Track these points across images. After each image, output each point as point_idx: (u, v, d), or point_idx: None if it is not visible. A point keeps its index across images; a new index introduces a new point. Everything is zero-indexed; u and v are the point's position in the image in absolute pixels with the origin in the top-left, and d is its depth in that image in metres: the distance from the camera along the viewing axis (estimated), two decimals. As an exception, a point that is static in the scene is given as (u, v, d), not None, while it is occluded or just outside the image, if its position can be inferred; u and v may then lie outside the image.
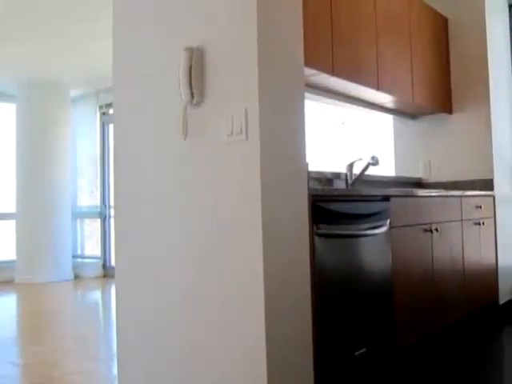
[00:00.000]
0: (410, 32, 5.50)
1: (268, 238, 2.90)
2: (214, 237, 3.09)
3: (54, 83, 10.36)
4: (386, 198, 4.06)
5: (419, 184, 6.44)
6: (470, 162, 6.11)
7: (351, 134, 7.83)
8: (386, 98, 5.48)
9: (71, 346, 5.51)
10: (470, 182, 6.04)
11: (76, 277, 10.73)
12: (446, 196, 5.07)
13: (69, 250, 10.78)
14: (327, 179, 4.98)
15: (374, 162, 4.93)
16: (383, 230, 3.95)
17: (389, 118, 6.52)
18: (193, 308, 3.20)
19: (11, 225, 10.45)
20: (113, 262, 6.70)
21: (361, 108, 5.60)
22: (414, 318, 4.35)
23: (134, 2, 3.63)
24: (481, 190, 5.91)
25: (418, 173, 6.50)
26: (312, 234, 3.28)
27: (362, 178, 5.21)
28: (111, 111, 10.10)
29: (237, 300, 2.98)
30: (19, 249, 10.32)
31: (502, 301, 6.04)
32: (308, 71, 3.93)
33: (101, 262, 11.04)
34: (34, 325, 6.63)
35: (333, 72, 4.36)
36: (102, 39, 5.61)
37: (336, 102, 5.18)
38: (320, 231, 3.35)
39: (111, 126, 10.30)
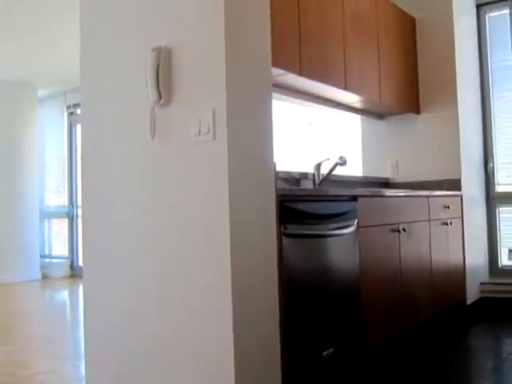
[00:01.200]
0: (377, 32, 5.59)
1: (235, 238, 2.95)
2: (182, 237, 3.14)
3: (21, 83, 10.39)
4: (354, 198, 4.13)
5: (387, 184, 6.54)
6: (438, 162, 6.22)
7: (319, 134, 7.90)
8: (353, 98, 5.55)
9: (39, 346, 5.53)
10: (438, 182, 6.14)
11: (44, 277, 10.82)
12: (414, 196, 5.16)
13: (36, 250, 10.87)
14: (295, 179, 5.04)
15: (342, 162, 5.00)
16: (351, 230, 4.02)
17: (356, 118, 6.60)
18: (160, 308, 3.24)
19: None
20: (80, 262, 6.73)
21: (328, 108, 5.66)
22: (382, 317, 4.42)
23: (102, 2, 3.65)
24: (448, 190, 6.02)
25: (385, 173, 6.60)
26: (280, 234, 3.33)
27: (329, 178, 5.28)
28: (79, 111, 10.11)
29: (205, 300, 3.02)
30: (-14, 249, 10.30)
31: (469, 301, 6.16)
32: (275, 71, 3.98)
33: (68, 262, 11.13)
34: (1, 325, 6.62)
35: (300, 72, 4.41)
36: (69, 39, 5.65)
37: (304, 102, 5.23)
38: (288, 231, 3.40)
39: (79, 126, 10.31)
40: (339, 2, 4.97)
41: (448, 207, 5.72)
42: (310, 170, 5.21)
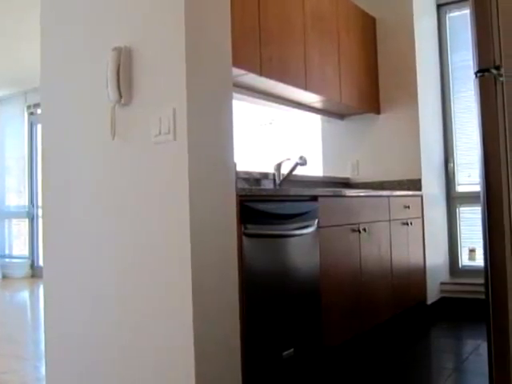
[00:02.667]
0: (337, 32, 5.69)
1: (196, 239, 3.00)
2: (143, 237, 3.19)
3: (-20, 84, 10.35)
4: (314, 198, 4.21)
5: (347, 184, 6.65)
6: (398, 162, 6.33)
7: (279, 134, 7.97)
8: (313, 98, 5.64)
9: (-1, 346, 5.56)
10: (398, 182, 6.26)
11: (4, 277, 10.88)
12: (374, 196, 5.26)
13: (-4, 250, 10.78)
14: (255, 179, 5.11)
15: (302, 161, 5.06)
16: (311, 230, 4.08)
17: (317, 118, 6.66)
18: (121, 308, 3.30)
19: None
20: (41, 262, 6.74)
21: (289, 108, 5.74)
22: (342, 317, 4.51)
23: (62, 1, 3.68)
24: (409, 190, 6.14)
25: (346, 173, 6.71)
26: (240, 234, 3.38)
27: (290, 178, 5.36)
28: (39, 111, 10.14)
29: (165, 300, 3.08)
30: None
31: (429, 301, 6.30)
32: (236, 71, 4.08)
33: (29, 262, 11.17)
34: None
35: (261, 72, 4.49)
36: (30, 39, 5.65)
37: (264, 101, 5.29)
38: (248, 231, 3.46)
39: (39, 126, 10.35)
40: (300, 1, 5.06)
41: (408, 207, 5.84)
42: (271, 170, 5.29)
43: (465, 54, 6.77)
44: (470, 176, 6.77)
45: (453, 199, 6.87)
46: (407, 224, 5.78)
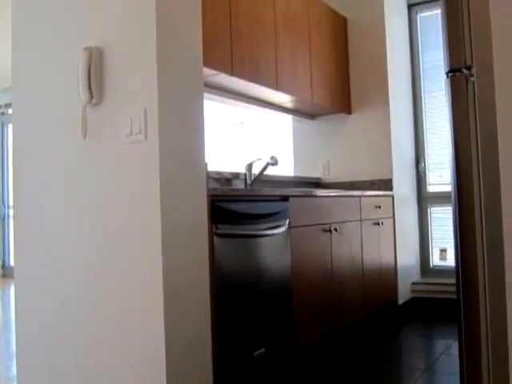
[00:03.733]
0: (309, 32, 5.73)
1: (167, 238, 3.02)
2: (114, 237, 3.21)
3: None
4: (285, 198, 4.24)
5: (318, 184, 6.70)
6: (370, 162, 6.38)
7: (250, 134, 7.98)
8: (285, 98, 5.68)
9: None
10: (370, 182, 6.30)
11: (-25, 276, 10.75)
12: (345, 196, 5.30)
13: (-33, 250, 10.84)
14: (226, 179, 5.14)
15: (273, 161, 5.09)
16: (282, 230, 4.12)
17: (288, 118, 6.69)
18: (92, 308, 3.31)
19: None
20: (12, 262, 6.68)
21: (260, 108, 5.78)
22: (314, 317, 4.55)
23: (34, 1, 3.68)
24: (380, 190, 6.19)
25: (317, 173, 6.76)
26: (211, 234, 3.41)
27: (261, 178, 5.40)
28: (10, 111, 10.08)
29: (136, 300, 3.10)
30: None
31: (401, 301, 6.37)
32: (207, 71, 4.11)
33: (0, 262, 10.99)
34: None
35: (232, 72, 4.52)
36: (0, 39, 5.60)
37: (235, 101, 5.33)
38: (219, 231, 3.49)
39: (10, 126, 10.31)
40: (271, 2, 5.10)
41: (379, 207, 5.88)
42: (242, 169, 5.32)
43: (436, 54, 6.84)
44: (441, 176, 6.83)
45: (424, 199, 6.93)
46: (378, 224, 5.83)
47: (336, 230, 4.93)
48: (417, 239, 6.90)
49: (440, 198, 6.76)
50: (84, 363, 3.33)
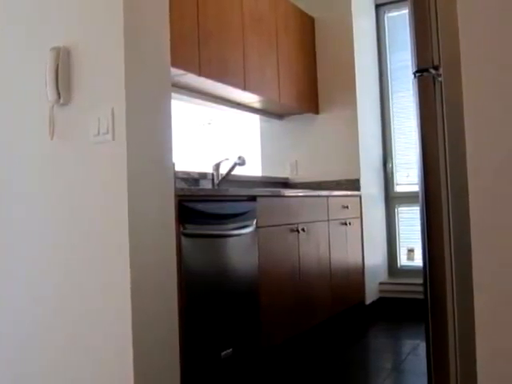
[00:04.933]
0: (276, 32, 5.76)
1: (134, 239, 3.05)
2: (82, 237, 3.22)
3: None
4: (253, 198, 4.28)
5: (286, 184, 6.73)
6: (337, 162, 6.42)
7: (218, 134, 7.97)
8: (252, 98, 5.72)
9: None
10: (337, 182, 6.34)
11: None
12: (313, 196, 5.34)
13: None
14: (194, 179, 5.15)
15: (241, 162, 5.11)
16: (250, 230, 4.17)
17: (256, 118, 6.71)
18: (59, 309, 3.32)
19: None
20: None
21: (228, 108, 5.81)
22: (281, 317, 4.59)
23: (1, 1, 3.67)
24: (347, 190, 6.24)
25: (284, 173, 6.79)
26: (179, 234, 3.44)
27: (228, 178, 5.41)
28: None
29: (103, 300, 3.12)
30: None
31: (368, 301, 6.41)
32: (175, 71, 4.13)
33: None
34: None
35: (199, 72, 4.55)
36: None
37: (203, 101, 5.37)
38: (186, 231, 3.53)
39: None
40: (238, 2, 5.14)
41: (347, 207, 5.92)
42: (209, 169, 5.33)
43: (403, 54, 6.90)
44: (408, 176, 6.88)
45: (391, 199, 6.97)
46: (346, 224, 5.86)
47: (303, 230, 4.96)
48: (384, 239, 6.94)
49: (407, 198, 6.81)
50: (50, 364, 3.35)
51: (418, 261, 6.67)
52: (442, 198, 2.04)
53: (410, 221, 6.92)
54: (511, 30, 1.65)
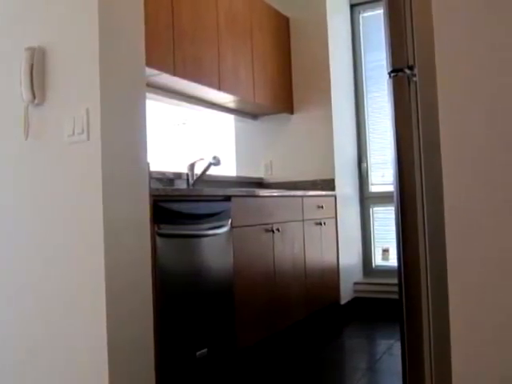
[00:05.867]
0: (251, 32, 5.78)
1: (109, 239, 3.07)
2: (55, 237, 3.24)
3: None
4: (228, 198, 4.31)
5: (261, 184, 6.77)
6: (312, 162, 6.44)
7: (193, 134, 7.97)
8: (227, 98, 5.74)
9: None
10: (312, 182, 6.36)
11: None
12: (288, 196, 5.38)
13: None
14: (169, 179, 5.16)
15: (216, 161, 5.13)
16: (224, 230, 4.19)
17: (230, 118, 6.71)
18: (33, 308, 3.33)
19: None
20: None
21: (202, 108, 5.81)
22: (256, 318, 4.64)
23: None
24: (322, 190, 6.27)
25: (259, 173, 6.82)
26: (153, 234, 3.47)
27: (203, 178, 5.43)
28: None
29: (78, 300, 3.14)
30: None
31: (343, 301, 6.45)
32: (149, 71, 4.16)
33: None
34: None
35: (174, 72, 4.58)
36: None
37: (178, 101, 5.38)
38: (161, 231, 3.55)
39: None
40: (213, 2, 5.18)
41: (322, 207, 5.94)
42: (184, 170, 5.33)
43: (378, 54, 6.94)
44: (383, 176, 6.92)
45: (366, 199, 7.01)
46: (321, 224, 5.89)
47: (278, 230, 4.98)
48: (359, 239, 6.97)
49: (382, 198, 6.84)
50: (23, 364, 3.36)
51: (392, 261, 6.70)
52: (416, 198, 2.04)
53: (384, 221, 6.95)
54: (485, 30, 1.66)
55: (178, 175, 5.29)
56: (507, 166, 1.62)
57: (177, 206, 3.72)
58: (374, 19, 7.09)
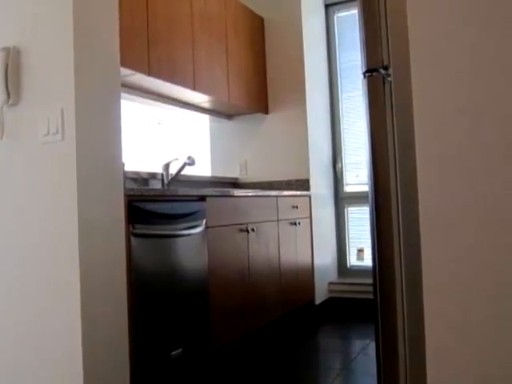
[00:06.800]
0: (226, 32, 5.80)
1: (84, 239, 3.08)
2: (29, 237, 3.24)
3: None
4: (202, 198, 4.33)
5: (236, 184, 6.78)
6: (287, 162, 6.46)
7: (168, 134, 7.96)
8: (202, 98, 5.76)
9: None
10: (287, 182, 6.38)
11: None
12: (263, 196, 5.40)
13: None
14: (143, 179, 5.16)
15: (191, 161, 5.14)
16: (199, 230, 4.22)
17: (205, 118, 6.72)
18: (7, 308, 3.34)
19: None
20: None
21: (177, 108, 5.82)
22: (231, 317, 4.66)
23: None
24: (297, 190, 6.28)
25: (234, 173, 6.83)
26: (128, 234, 3.49)
27: (178, 178, 5.45)
28: None
29: (53, 300, 3.14)
30: None
31: (318, 301, 6.47)
32: (124, 71, 4.20)
33: None
34: None
35: (149, 72, 4.60)
36: None
37: (153, 101, 5.39)
38: (136, 231, 3.58)
39: None
40: (188, 2, 5.19)
41: (297, 207, 5.95)
42: (159, 170, 5.33)
43: (353, 54, 6.98)
44: (358, 176, 6.95)
45: (341, 199, 7.04)
46: (295, 224, 5.90)
47: (253, 229, 5.00)
48: (334, 239, 6.99)
49: (357, 198, 6.87)
50: (2, 363, 3.35)
51: (367, 261, 6.72)
52: (391, 197, 2.05)
53: (359, 221, 6.98)
54: (459, 30, 1.67)
55: (153, 175, 5.30)
56: (481, 164, 1.62)
57: (151, 206, 3.73)
58: (349, 19, 7.12)
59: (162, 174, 5.33)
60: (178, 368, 3.90)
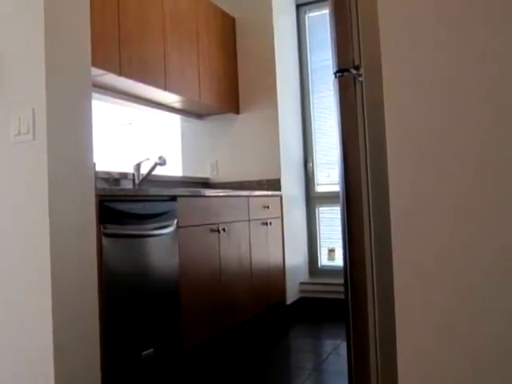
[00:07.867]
0: (197, 32, 5.81)
1: (55, 239, 3.11)
2: (2, 237, 3.27)
3: None
4: (173, 198, 4.35)
5: (207, 184, 6.79)
6: (258, 162, 6.48)
7: (139, 134, 7.93)
8: (173, 98, 5.78)
9: None
10: (258, 182, 6.39)
11: None
12: (234, 196, 5.43)
13: None
14: (115, 179, 5.16)
15: (162, 162, 5.15)
16: (170, 230, 4.23)
17: (176, 118, 6.71)
18: None
19: None
20: None
21: (149, 108, 5.83)
22: (202, 318, 4.69)
23: None
24: (268, 190, 6.29)
25: (205, 173, 6.84)
26: (99, 235, 3.51)
27: (149, 178, 5.46)
28: None
29: (25, 300, 3.16)
30: None
31: (289, 301, 6.49)
32: (95, 71, 4.24)
33: None
34: None
35: (120, 72, 4.61)
36: None
37: (124, 101, 5.41)
38: (107, 231, 3.60)
39: None
40: (159, 2, 5.22)
41: (268, 207, 5.97)
42: (130, 170, 5.33)
43: (324, 54, 7.01)
44: (329, 176, 6.97)
45: (312, 199, 7.05)
46: (267, 224, 5.91)
47: (224, 229, 5.01)
48: (305, 239, 7.01)
49: (328, 198, 6.90)
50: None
51: (338, 261, 6.74)
52: (362, 198, 2.05)
53: (330, 221, 7.00)
54: (430, 30, 1.67)
55: (124, 175, 5.31)
56: (452, 165, 1.63)
57: (123, 206, 3.75)
58: (320, 19, 7.15)
59: (134, 174, 5.35)
60: (149, 368, 3.92)
